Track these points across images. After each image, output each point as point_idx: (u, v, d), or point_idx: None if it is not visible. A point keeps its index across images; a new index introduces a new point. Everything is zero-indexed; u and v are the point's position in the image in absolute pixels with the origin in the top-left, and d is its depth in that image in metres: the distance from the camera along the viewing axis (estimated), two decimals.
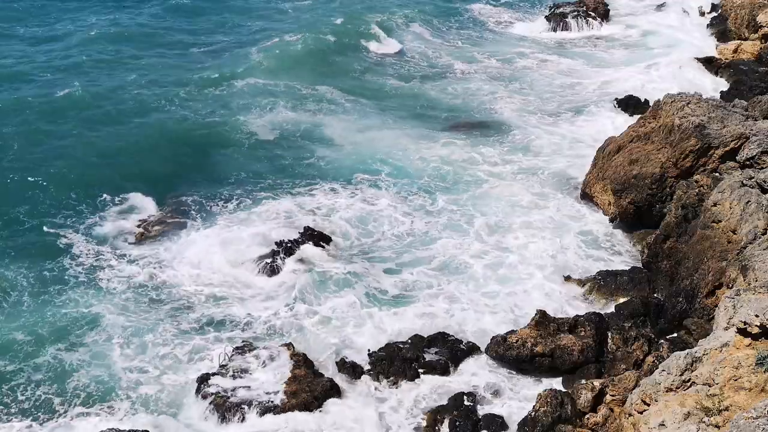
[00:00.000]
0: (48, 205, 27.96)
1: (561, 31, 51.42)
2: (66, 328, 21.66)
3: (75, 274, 24.28)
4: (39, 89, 37.20)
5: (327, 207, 28.50)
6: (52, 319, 21.94)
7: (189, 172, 30.81)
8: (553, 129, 35.58)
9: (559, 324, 20.88)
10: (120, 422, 18.48)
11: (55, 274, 24.15)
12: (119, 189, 29.11)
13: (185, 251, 25.47)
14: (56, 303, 22.75)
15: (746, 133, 25.37)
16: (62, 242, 25.82)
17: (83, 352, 20.83)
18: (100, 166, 30.71)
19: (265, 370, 19.63)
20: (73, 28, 47.22)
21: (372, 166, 31.66)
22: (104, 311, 22.36)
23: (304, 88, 39.29)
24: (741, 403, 13.48)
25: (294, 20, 51.07)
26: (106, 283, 23.89)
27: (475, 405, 19.16)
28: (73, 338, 21.33)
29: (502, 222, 27.61)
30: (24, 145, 31.86)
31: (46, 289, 23.43)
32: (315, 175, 30.88)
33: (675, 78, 40.00)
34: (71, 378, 19.96)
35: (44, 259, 24.80)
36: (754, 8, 45.02)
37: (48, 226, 26.67)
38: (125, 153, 31.96)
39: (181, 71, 40.67)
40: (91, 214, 27.60)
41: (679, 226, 23.63)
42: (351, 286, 23.66)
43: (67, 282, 23.81)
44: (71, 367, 20.27)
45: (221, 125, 34.80)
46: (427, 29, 50.74)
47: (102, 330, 21.68)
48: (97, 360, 20.60)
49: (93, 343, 21.19)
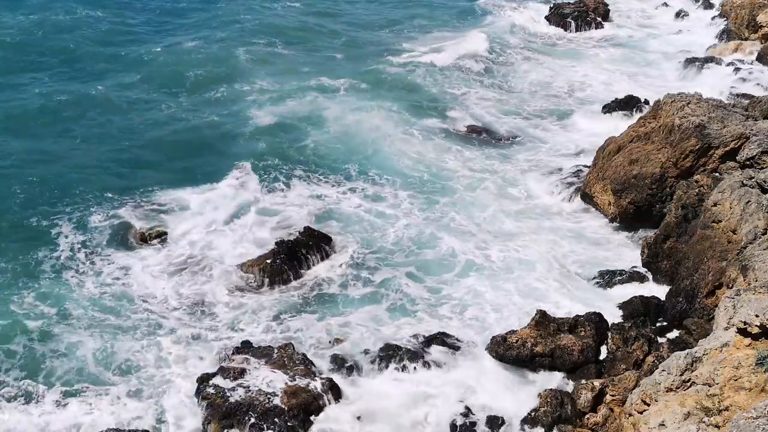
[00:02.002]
0: (46, 200, 27.99)
1: (560, 29, 51.47)
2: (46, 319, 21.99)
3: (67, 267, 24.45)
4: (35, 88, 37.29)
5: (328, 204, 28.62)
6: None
7: (189, 169, 30.84)
8: (549, 128, 35.74)
9: (559, 324, 20.87)
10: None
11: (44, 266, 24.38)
12: (120, 185, 29.16)
13: (181, 251, 25.48)
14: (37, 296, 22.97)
15: (746, 133, 25.36)
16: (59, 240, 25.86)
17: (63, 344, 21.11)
18: (95, 167, 30.61)
19: (265, 370, 19.62)
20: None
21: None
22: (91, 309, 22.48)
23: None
24: (741, 403, 13.48)
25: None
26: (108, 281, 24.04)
27: (474, 405, 19.17)
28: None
29: (501, 221, 27.61)
30: (21, 143, 31.99)
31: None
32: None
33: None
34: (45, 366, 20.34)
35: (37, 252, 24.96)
36: (754, 8, 45.03)
37: (44, 219, 26.82)
38: (130, 151, 32.05)
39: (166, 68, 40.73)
40: (88, 211, 27.50)
41: (679, 226, 23.63)
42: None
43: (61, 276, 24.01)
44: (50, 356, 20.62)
45: (222, 124, 34.84)
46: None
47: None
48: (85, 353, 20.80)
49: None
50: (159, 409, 19.21)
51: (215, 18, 49.25)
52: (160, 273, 24.50)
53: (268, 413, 18.34)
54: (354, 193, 29.46)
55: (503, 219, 27.84)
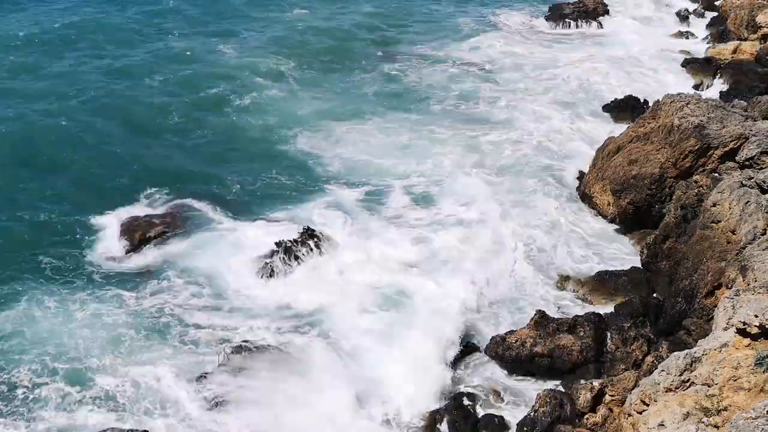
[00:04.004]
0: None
1: (561, 29, 51.52)
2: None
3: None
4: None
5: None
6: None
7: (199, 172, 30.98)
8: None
9: (558, 324, 20.87)
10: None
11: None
12: (126, 187, 29.32)
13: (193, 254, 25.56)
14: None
15: (745, 133, 25.36)
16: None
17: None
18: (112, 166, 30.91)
19: (264, 370, 19.64)
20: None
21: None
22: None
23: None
24: (740, 403, 13.47)
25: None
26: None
27: (474, 405, 19.16)
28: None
29: (500, 221, 27.65)
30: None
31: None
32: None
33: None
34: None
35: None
36: (754, 8, 45.03)
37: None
38: (135, 151, 32.26)
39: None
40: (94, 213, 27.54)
41: (678, 227, 23.63)
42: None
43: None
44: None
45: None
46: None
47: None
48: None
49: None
50: (159, 409, 19.19)
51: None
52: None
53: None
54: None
55: (502, 218, 27.91)
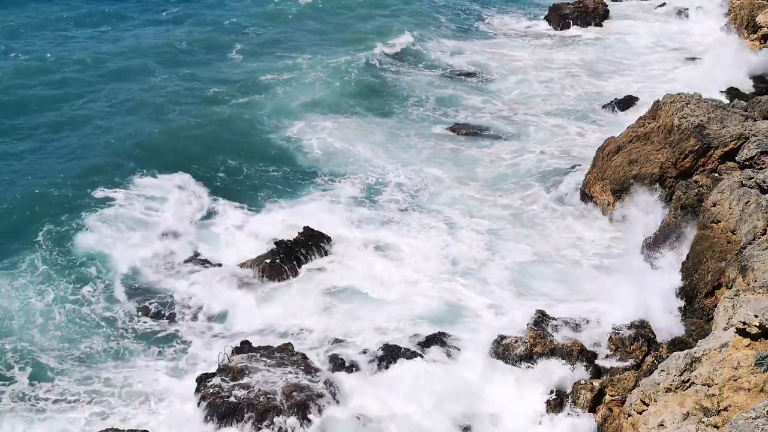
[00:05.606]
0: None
1: (561, 30, 51.53)
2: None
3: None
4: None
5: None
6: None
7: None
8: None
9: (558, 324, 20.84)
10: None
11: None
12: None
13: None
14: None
15: (745, 133, 25.37)
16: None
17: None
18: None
19: (264, 370, 19.61)
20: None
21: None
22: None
23: None
24: (740, 403, 13.48)
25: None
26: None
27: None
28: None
29: (498, 220, 27.65)
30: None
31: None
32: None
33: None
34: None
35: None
36: (754, 8, 44.97)
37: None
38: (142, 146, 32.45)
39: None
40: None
41: (678, 227, 23.61)
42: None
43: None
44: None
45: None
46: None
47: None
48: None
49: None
50: (158, 409, 19.18)
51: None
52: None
53: (268, 413, 18.33)
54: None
55: (501, 218, 27.95)
